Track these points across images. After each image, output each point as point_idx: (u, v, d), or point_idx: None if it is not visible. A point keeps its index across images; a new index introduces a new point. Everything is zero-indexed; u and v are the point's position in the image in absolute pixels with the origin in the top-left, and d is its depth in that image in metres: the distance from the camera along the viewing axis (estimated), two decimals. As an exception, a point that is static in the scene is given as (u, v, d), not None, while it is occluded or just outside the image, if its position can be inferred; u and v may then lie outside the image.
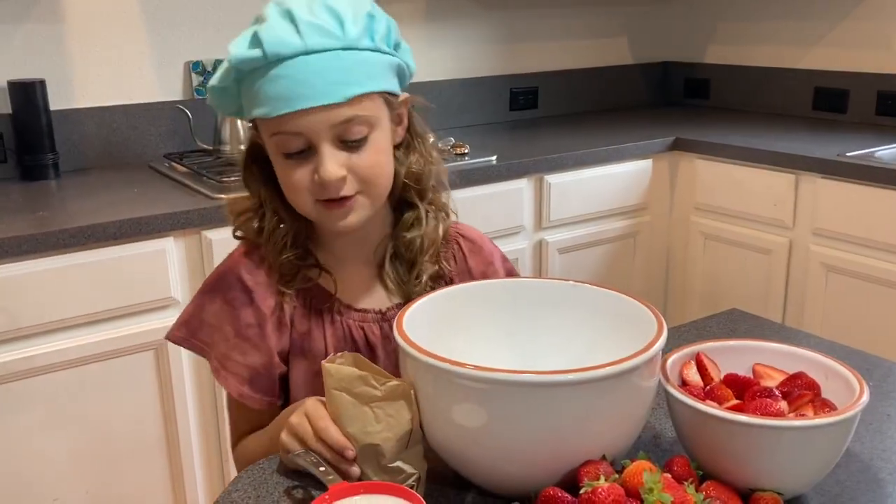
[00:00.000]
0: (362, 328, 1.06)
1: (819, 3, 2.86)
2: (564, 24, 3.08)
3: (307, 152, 0.96)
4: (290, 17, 0.93)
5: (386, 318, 1.07)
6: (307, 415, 0.89)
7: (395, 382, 0.85)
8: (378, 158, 0.99)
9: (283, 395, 1.08)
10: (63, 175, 2.17)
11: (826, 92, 2.86)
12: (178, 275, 1.84)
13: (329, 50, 0.93)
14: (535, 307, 1.01)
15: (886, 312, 2.16)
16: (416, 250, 1.06)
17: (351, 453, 0.85)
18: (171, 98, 2.36)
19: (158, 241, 1.80)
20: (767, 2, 3.01)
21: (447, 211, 1.12)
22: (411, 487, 0.84)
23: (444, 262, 1.10)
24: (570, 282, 1.01)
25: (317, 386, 0.99)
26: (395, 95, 1.01)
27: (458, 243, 1.14)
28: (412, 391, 0.84)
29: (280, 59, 0.92)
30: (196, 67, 2.37)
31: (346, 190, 0.97)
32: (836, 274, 2.27)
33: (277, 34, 0.92)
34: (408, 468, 0.86)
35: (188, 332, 1.08)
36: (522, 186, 2.33)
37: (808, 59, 2.92)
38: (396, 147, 1.05)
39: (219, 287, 1.07)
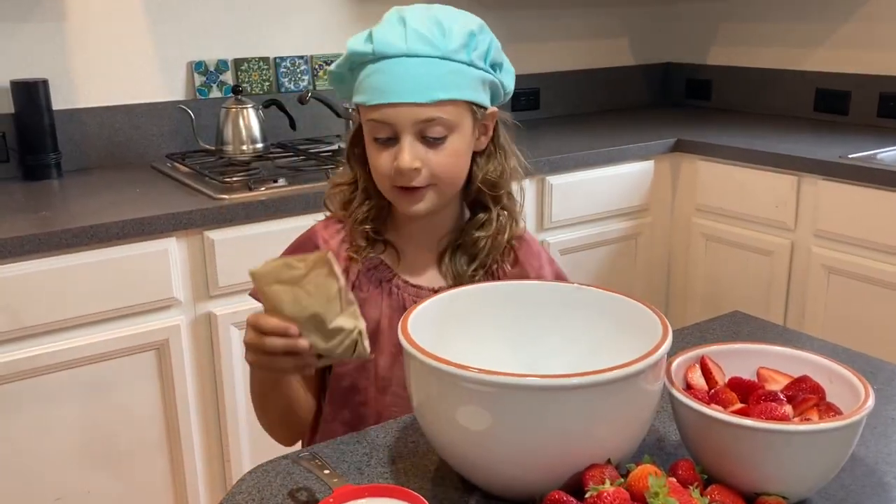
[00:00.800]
0: (415, 302, 1.12)
1: (821, 4, 2.86)
2: (566, 25, 3.08)
3: (392, 140, 1.08)
4: (403, 22, 1.06)
5: None
6: (249, 324, 0.96)
7: (312, 256, 0.93)
8: (451, 159, 1.10)
9: None
10: (65, 175, 2.18)
11: (828, 94, 2.86)
12: (180, 275, 1.84)
13: (427, 56, 1.05)
14: (539, 309, 1.01)
15: (888, 314, 2.16)
16: (480, 248, 1.16)
17: (294, 329, 0.93)
18: (174, 98, 2.36)
19: (161, 242, 1.80)
20: (769, 3, 3.01)
21: (517, 220, 1.21)
22: (355, 342, 0.94)
23: (503, 265, 1.19)
24: (575, 284, 1.01)
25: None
26: (482, 107, 1.12)
27: (511, 243, 1.22)
28: (329, 255, 0.92)
29: (385, 57, 1.05)
30: (199, 67, 2.37)
31: (419, 181, 1.08)
32: (837, 276, 2.27)
33: (387, 36, 1.05)
34: (347, 324, 0.93)
35: None
36: (524, 187, 2.33)
37: (809, 60, 2.92)
38: (480, 154, 1.16)
39: (297, 250, 1.18)
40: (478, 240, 1.16)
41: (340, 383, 1.16)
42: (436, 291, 1.14)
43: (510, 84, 1.17)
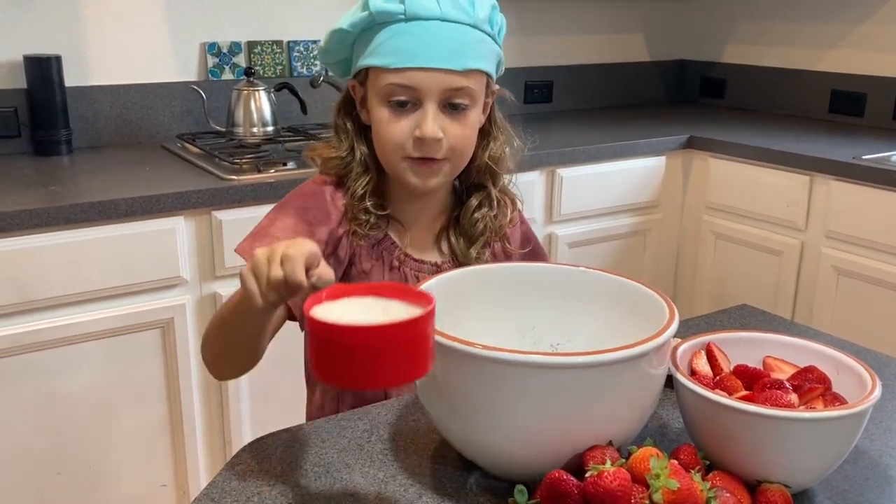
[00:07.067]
0: (417, 277, 1.13)
1: (838, 5, 2.84)
2: (581, 19, 3.07)
3: (410, 107, 1.04)
4: None
5: (440, 271, 1.13)
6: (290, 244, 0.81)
7: None
8: (469, 132, 1.08)
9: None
10: (76, 152, 2.18)
11: (843, 95, 2.84)
12: (186, 254, 1.84)
13: (460, 23, 1.02)
14: (546, 292, 1.00)
15: (897, 317, 2.14)
16: (479, 230, 1.14)
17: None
18: (186, 79, 2.36)
19: (168, 220, 1.80)
20: (786, 3, 2.99)
21: (515, 202, 1.20)
22: None
23: (508, 246, 1.19)
24: (581, 268, 1.00)
25: None
26: (490, 82, 1.10)
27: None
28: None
29: (416, 18, 1.01)
30: (212, 49, 2.37)
31: (438, 152, 1.05)
32: (847, 278, 2.25)
33: None
34: None
35: (250, 242, 1.08)
36: (534, 179, 2.32)
37: (825, 61, 2.90)
38: (480, 132, 1.12)
39: (297, 203, 1.10)
40: (476, 221, 1.14)
41: None
42: (437, 267, 1.13)
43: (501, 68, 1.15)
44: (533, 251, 1.26)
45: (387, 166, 1.09)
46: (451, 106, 1.04)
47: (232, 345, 1.02)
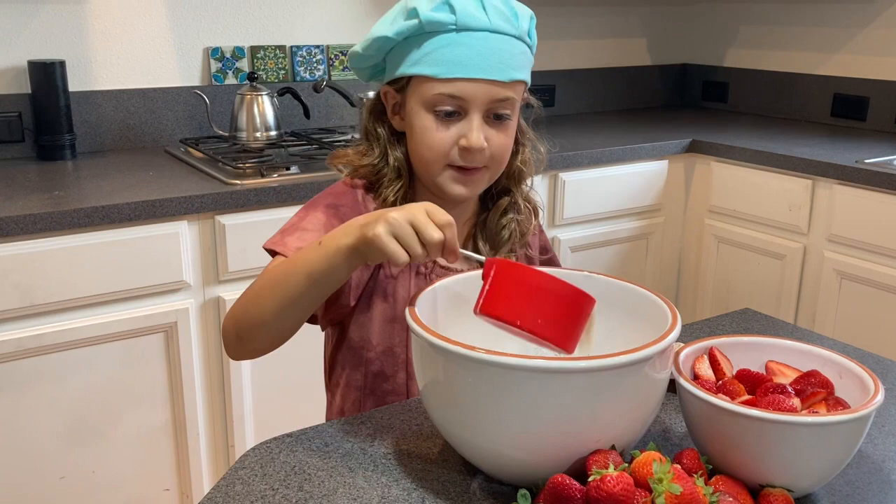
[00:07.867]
0: None
1: (841, 10, 2.84)
2: (584, 23, 3.07)
3: (454, 116, 1.04)
4: None
5: None
6: (428, 211, 0.87)
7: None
8: (509, 141, 1.09)
9: (337, 333, 1.15)
10: (79, 156, 2.19)
11: (845, 99, 2.84)
12: (190, 258, 1.85)
13: (507, 34, 1.04)
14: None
15: (900, 321, 2.14)
16: (505, 237, 1.15)
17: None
18: (190, 83, 2.37)
19: (172, 225, 1.80)
20: (789, 7, 3.00)
21: (537, 210, 1.22)
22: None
23: (529, 250, 1.20)
24: (585, 272, 1.00)
25: (392, 332, 1.10)
26: (525, 91, 1.12)
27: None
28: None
29: (467, 29, 1.02)
30: (215, 54, 2.38)
31: (481, 161, 1.06)
32: (849, 281, 2.25)
33: (468, 8, 1.02)
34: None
35: (280, 237, 1.07)
36: (537, 183, 2.30)
37: (828, 65, 2.90)
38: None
39: (328, 200, 1.10)
40: (503, 227, 1.14)
41: (369, 368, 1.12)
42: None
43: None
44: (550, 260, 1.29)
45: (426, 174, 1.09)
46: (495, 116, 1.05)
47: (302, 297, 0.95)
